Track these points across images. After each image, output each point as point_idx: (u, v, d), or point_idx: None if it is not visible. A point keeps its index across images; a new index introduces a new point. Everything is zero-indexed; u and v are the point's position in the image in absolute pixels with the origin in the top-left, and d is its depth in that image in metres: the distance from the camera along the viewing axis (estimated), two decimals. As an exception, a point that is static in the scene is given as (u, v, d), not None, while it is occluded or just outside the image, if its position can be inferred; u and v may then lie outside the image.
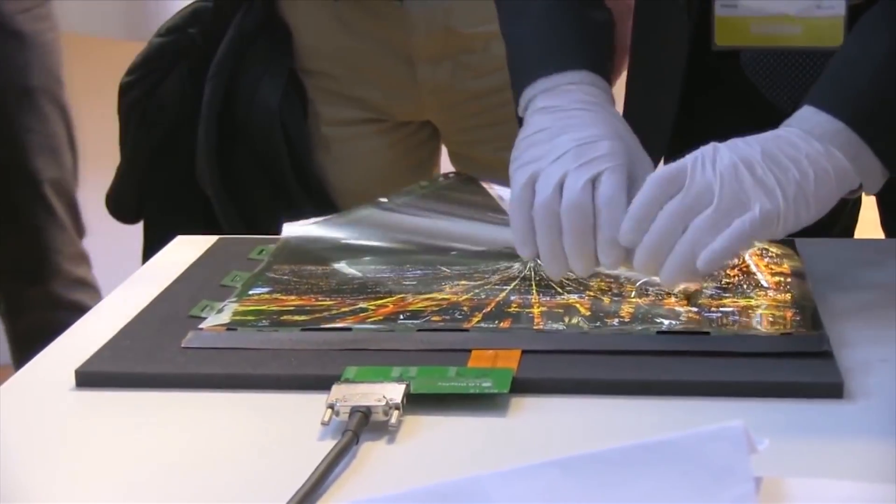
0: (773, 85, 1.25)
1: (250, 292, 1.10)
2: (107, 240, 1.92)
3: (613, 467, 0.66)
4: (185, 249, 1.24)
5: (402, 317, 1.03)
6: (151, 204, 1.68)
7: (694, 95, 1.26)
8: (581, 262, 1.02)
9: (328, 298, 1.07)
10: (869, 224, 1.39)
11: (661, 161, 1.28)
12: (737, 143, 1.00)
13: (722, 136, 1.02)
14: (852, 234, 1.40)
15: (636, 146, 1.07)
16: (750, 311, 1.02)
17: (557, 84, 1.10)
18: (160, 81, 1.64)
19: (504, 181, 1.10)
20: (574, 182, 1.02)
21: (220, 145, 1.60)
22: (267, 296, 1.09)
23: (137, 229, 1.75)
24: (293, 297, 1.08)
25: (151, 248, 1.66)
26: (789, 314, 1.01)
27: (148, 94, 1.64)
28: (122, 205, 1.70)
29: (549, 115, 1.08)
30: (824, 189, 1.00)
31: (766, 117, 1.23)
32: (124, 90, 1.66)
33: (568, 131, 1.05)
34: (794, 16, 1.18)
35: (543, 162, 1.04)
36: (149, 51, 1.66)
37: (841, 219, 1.34)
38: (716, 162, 0.98)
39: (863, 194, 1.11)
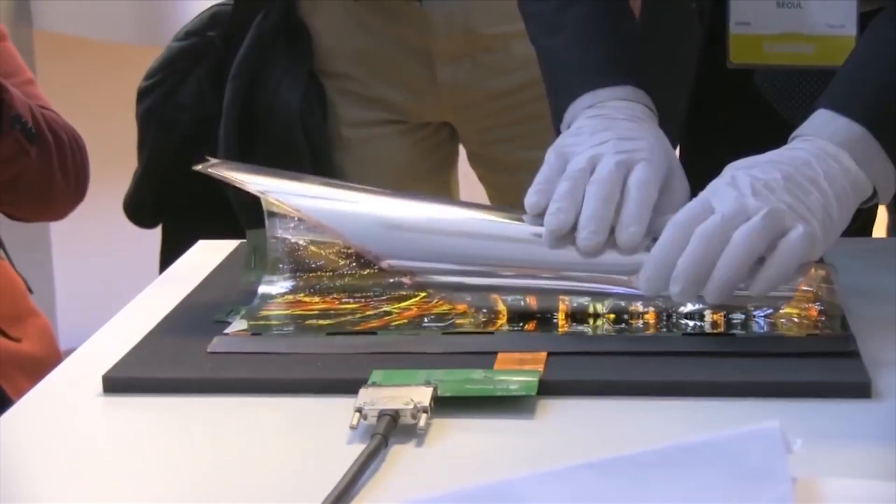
0: (786, 103, 1.25)
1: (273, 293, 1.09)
2: (124, 245, 1.92)
3: (650, 469, 0.66)
4: (207, 254, 1.24)
5: (426, 320, 1.03)
6: (170, 208, 1.68)
7: (703, 94, 1.26)
8: (593, 223, 0.97)
9: (352, 301, 1.07)
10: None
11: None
12: (753, 168, 0.98)
13: (732, 133, 1.01)
14: (870, 233, 1.40)
15: (676, 161, 1.04)
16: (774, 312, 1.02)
17: (603, 99, 1.09)
18: (179, 84, 1.64)
19: (525, 182, 1.06)
20: (608, 161, 1.00)
21: (240, 147, 1.60)
22: (290, 297, 1.08)
23: (154, 235, 1.75)
24: (317, 300, 1.08)
25: (170, 251, 1.66)
26: (814, 312, 1.01)
27: (167, 97, 1.65)
28: (140, 209, 1.70)
29: (595, 119, 1.07)
30: (845, 206, 0.99)
31: (778, 117, 1.23)
32: (142, 95, 1.66)
33: (611, 129, 1.04)
34: (807, 35, 1.18)
35: (580, 147, 1.02)
36: (167, 55, 1.67)
37: (858, 218, 1.34)
38: (740, 188, 0.95)
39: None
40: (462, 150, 1.72)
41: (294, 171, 1.55)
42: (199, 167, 1.08)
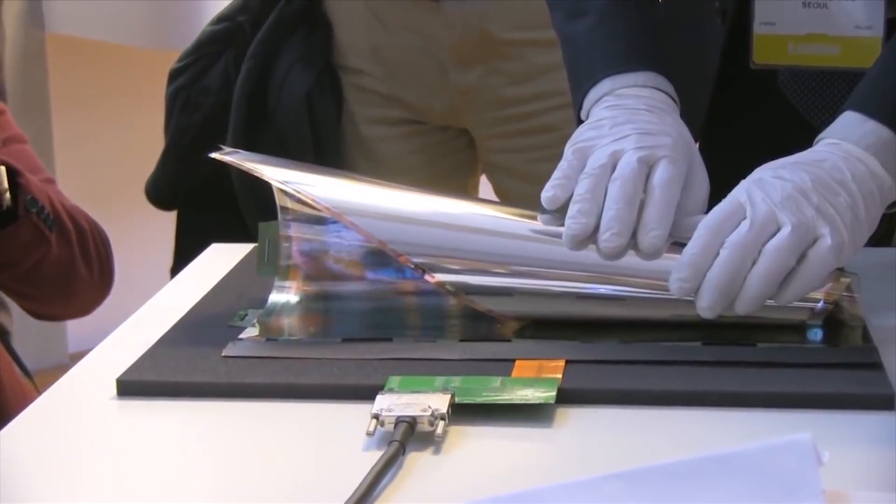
0: (809, 105, 1.23)
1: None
2: (133, 249, 1.92)
3: (680, 479, 0.65)
4: (221, 258, 1.24)
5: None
6: (187, 191, 1.68)
7: (724, 95, 1.25)
8: (616, 224, 0.95)
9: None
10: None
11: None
12: (780, 169, 0.97)
13: (752, 136, 1.00)
14: (893, 243, 1.39)
15: (698, 157, 1.03)
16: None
17: (624, 84, 1.07)
18: (208, 68, 1.65)
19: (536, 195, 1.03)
20: (630, 157, 0.97)
21: (248, 131, 1.61)
22: (303, 303, 1.07)
23: (164, 238, 1.74)
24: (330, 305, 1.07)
25: (184, 237, 1.66)
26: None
27: (195, 79, 1.66)
28: (160, 191, 1.70)
29: (615, 109, 1.05)
30: (873, 209, 0.98)
31: (799, 119, 1.22)
32: (173, 76, 1.68)
33: (632, 122, 1.02)
34: (833, 36, 1.17)
35: (601, 141, 1.00)
36: (201, 38, 1.69)
37: (881, 227, 1.33)
38: (769, 193, 0.94)
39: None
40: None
41: (296, 158, 1.55)
42: (215, 154, 1.06)
